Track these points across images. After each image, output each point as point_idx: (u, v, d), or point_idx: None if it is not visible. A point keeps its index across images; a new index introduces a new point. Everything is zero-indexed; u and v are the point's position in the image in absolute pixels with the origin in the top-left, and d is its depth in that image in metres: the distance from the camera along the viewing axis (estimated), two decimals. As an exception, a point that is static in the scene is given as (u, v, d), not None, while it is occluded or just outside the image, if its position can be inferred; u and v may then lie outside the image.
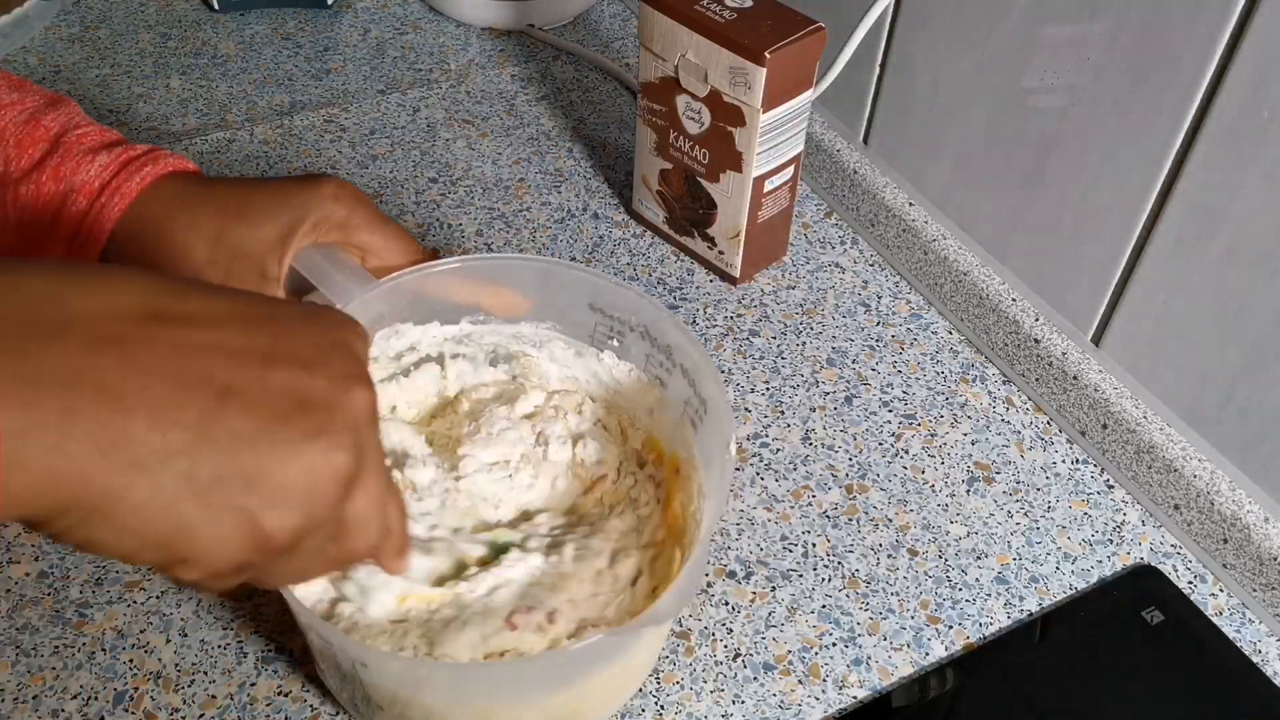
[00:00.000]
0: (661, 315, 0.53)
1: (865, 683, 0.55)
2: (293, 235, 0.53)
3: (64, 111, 0.55)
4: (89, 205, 0.53)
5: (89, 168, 0.53)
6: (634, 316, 0.54)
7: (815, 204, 0.81)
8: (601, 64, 0.93)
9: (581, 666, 0.47)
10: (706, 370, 0.51)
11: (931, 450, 0.65)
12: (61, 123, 0.55)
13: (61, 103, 0.56)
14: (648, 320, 0.54)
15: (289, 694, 0.53)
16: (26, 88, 0.56)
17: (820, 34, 0.66)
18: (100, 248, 0.53)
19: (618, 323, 0.55)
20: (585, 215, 0.79)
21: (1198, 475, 0.59)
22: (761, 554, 0.60)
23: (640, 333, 0.54)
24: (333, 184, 0.54)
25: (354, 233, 0.54)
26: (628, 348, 0.56)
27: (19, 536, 0.58)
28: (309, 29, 0.96)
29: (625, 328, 0.55)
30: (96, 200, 0.53)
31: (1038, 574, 0.60)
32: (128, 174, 0.53)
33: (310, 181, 0.54)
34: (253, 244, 0.52)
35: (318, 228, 0.53)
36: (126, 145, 0.55)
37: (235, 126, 0.85)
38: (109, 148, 0.54)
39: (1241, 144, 0.53)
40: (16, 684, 0.52)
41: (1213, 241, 0.56)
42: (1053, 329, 0.67)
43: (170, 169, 0.54)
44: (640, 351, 0.55)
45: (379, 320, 0.54)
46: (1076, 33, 0.60)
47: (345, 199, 0.54)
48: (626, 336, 0.55)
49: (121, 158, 0.54)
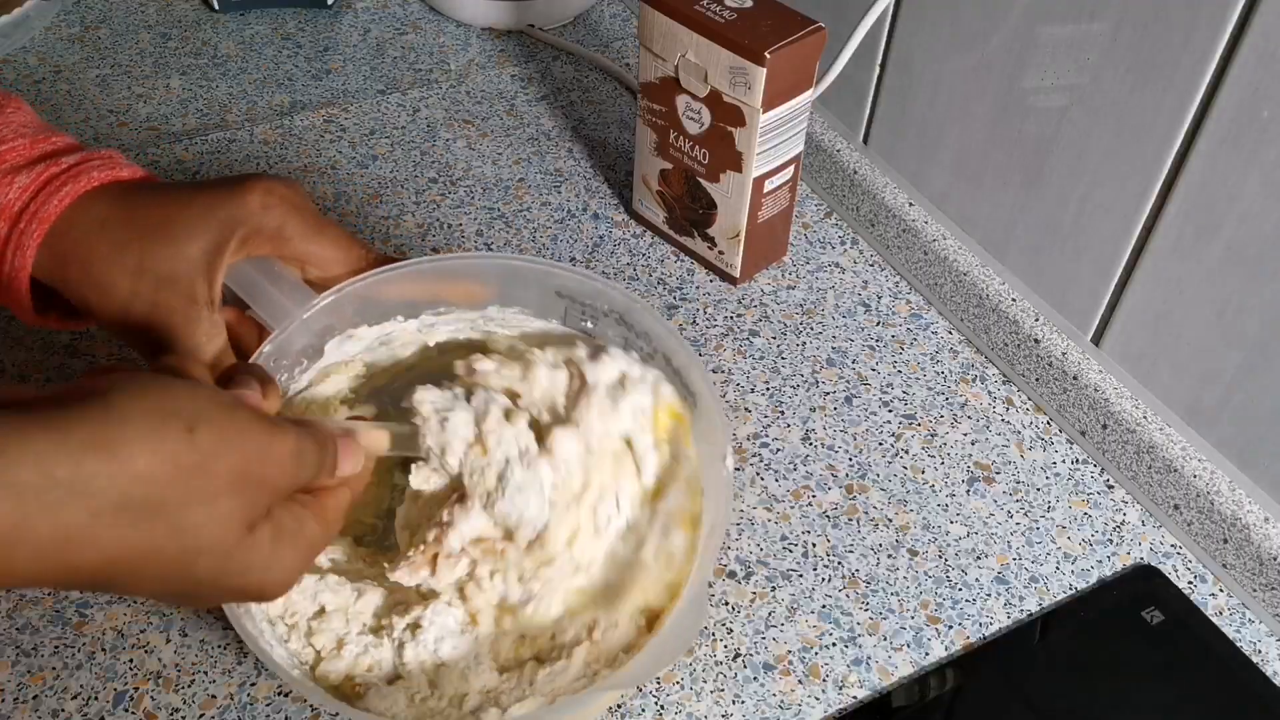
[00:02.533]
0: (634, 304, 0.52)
1: (865, 683, 0.55)
2: (220, 253, 0.48)
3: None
4: (9, 231, 0.48)
5: (8, 190, 0.48)
6: (605, 304, 0.53)
7: (815, 204, 0.81)
8: (601, 64, 0.93)
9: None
10: (694, 366, 0.51)
11: (931, 450, 0.65)
12: None
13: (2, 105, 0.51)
14: (620, 308, 0.53)
15: (289, 694, 0.53)
16: None
17: (820, 34, 0.66)
18: (26, 279, 0.49)
19: (588, 308, 0.53)
20: (585, 215, 0.79)
21: (1198, 475, 0.59)
22: (761, 554, 0.60)
23: (615, 318, 0.53)
24: (260, 189, 0.49)
25: (288, 244, 0.50)
26: (603, 331, 0.54)
27: (19, 536, 0.58)
28: (309, 29, 0.96)
29: (598, 312, 0.53)
30: (15, 226, 0.48)
31: (1038, 574, 0.60)
32: (45, 195, 0.48)
33: (237, 188, 0.50)
34: (177, 267, 0.48)
35: (248, 242, 0.49)
36: (52, 160, 0.49)
37: (235, 126, 0.85)
38: (33, 164, 0.49)
39: (1241, 144, 0.53)
40: (16, 684, 0.52)
41: (1213, 241, 0.56)
42: (1053, 329, 0.67)
43: (95, 184, 0.49)
44: (617, 335, 0.54)
45: (327, 332, 0.52)
46: (1076, 33, 0.60)
47: (275, 206, 0.50)
48: (600, 320, 0.54)
49: (43, 176, 0.48)
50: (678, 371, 0.51)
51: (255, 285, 0.50)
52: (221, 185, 0.50)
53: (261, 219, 0.49)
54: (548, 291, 0.54)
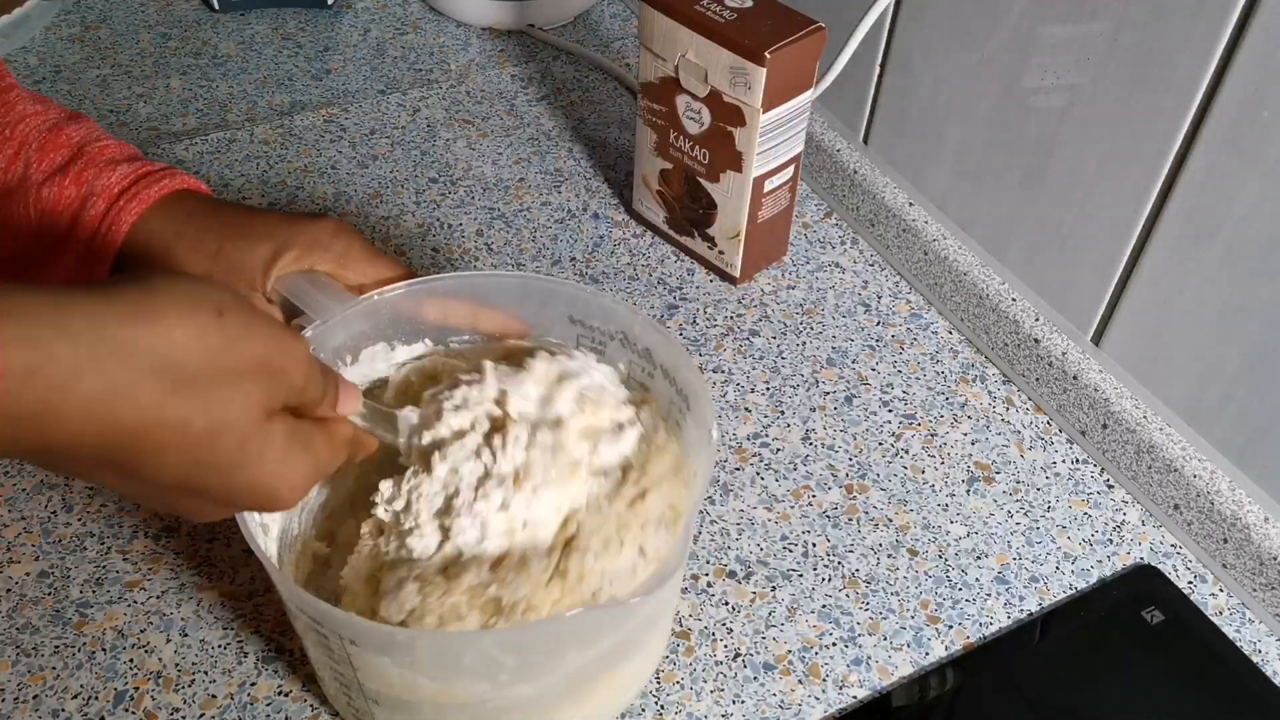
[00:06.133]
0: (635, 319, 0.53)
1: (865, 683, 0.55)
2: (282, 255, 0.55)
3: (85, 125, 0.59)
4: (107, 209, 0.56)
5: (110, 175, 0.56)
6: (611, 325, 0.54)
7: (815, 204, 0.81)
8: (601, 64, 0.93)
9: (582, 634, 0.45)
10: (682, 362, 0.51)
11: (931, 450, 0.65)
12: (83, 134, 0.58)
13: (82, 118, 0.60)
14: (624, 325, 0.54)
15: (289, 694, 0.53)
16: (48, 102, 0.60)
17: (820, 34, 0.66)
18: (115, 250, 0.56)
19: (598, 333, 0.55)
20: (585, 215, 0.79)
21: (1198, 475, 0.59)
22: (761, 554, 0.60)
23: (620, 340, 0.54)
24: (333, 221, 0.57)
25: (350, 265, 0.56)
26: (611, 358, 0.55)
27: (19, 536, 0.58)
28: (309, 29, 0.96)
29: (605, 337, 0.55)
30: (115, 204, 0.56)
31: (1038, 574, 0.60)
32: (145, 184, 0.57)
33: (313, 216, 0.58)
34: (246, 261, 0.55)
35: (310, 253, 0.56)
36: (145, 160, 0.59)
37: (235, 126, 0.85)
38: (129, 160, 0.58)
39: (1241, 144, 0.53)
40: (17, 684, 0.53)
41: (1213, 242, 0.56)
42: (1053, 329, 0.67)
43: (185, 186, 0.58)
44: (623, 359, 0.55)
45: (361, 338, 0.55)
46: (1076, 33, 0.60)
47: (344, 234, 0.57)
48: (608, 346, 0.55)
49: (141, 170, 0.57)
50: (672, 379, 0.52)
51: (302, 290, 0.55)
52: (301, 214, 0.59)
53: (330, 241, 0.56)
54: (563, 320, 0.55)
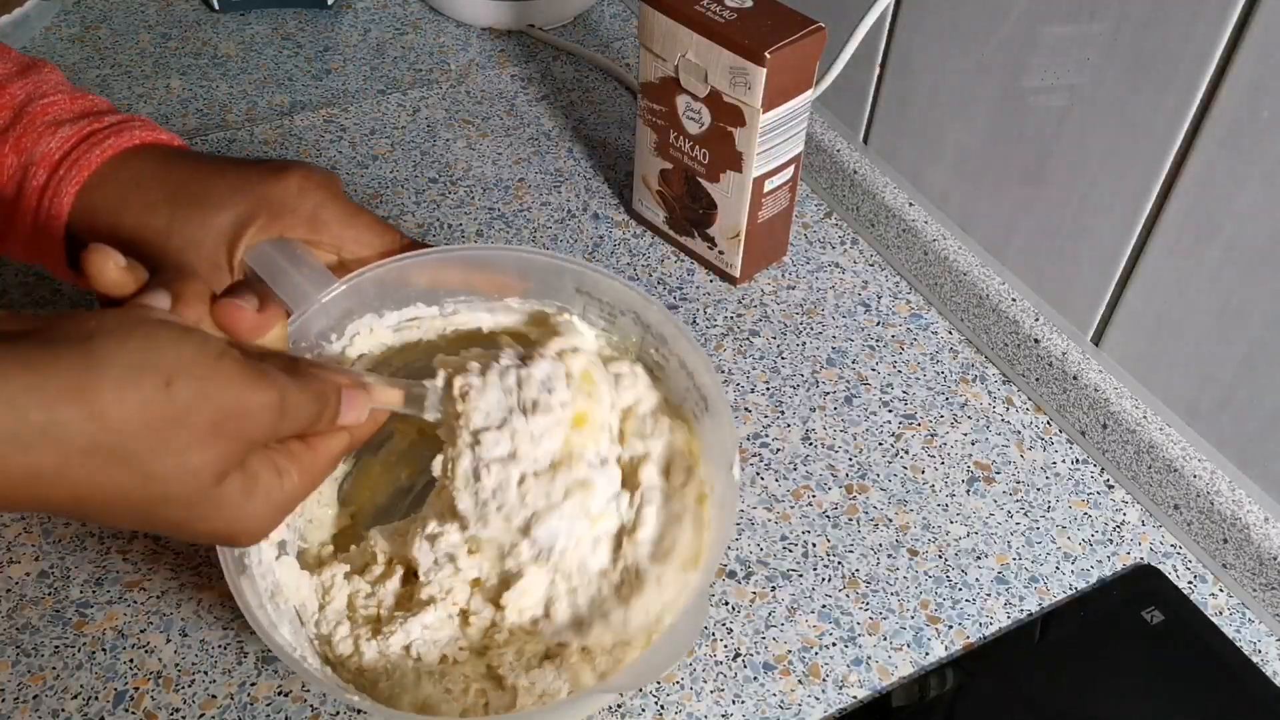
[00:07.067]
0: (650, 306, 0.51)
1: (865, 683, 0.55)
2: (246, 227, 0.49)
3: (34, 79, 0.52)
4: (48, 178, 0.49)
5: (50, 139, 0.50)
6: (623, 303, 0.53)
7: (815, 204, 0.81)
8: (601, 64, 0.93)
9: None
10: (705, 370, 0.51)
11: (931, 450, 0.65)
12: (28, 90, 0.51)
13: (35, 68, 0.52)
14: (637, 308, 0.52)
15: (289, 694, 0.53)
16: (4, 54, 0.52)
17: (820, 34, 0.66)
18: (61, 227, 0.50)
19: (607, 306, 0.53)
20: (585, 215, 0.79)
21: (1198, 475, 0.59)
22: (761, 554, 0.60)
23: (632, 318, 0.53)
24: (299, 174, 0.50)
25: (324, 228, 0.51)
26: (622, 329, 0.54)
27: (19, 536, 0.58)
28: (309, 29, 0.96)
29: (616, 311, 0.53)
30: (54, 173, 0.49)
31: (1038, 574, 0.60)
32: (86, 148, 0.50)
33: (276, 170, 0.51)
34: (203, 235, 0.49)
35: (278, 219, 0.50)
36: (95, 116, 0.51)
37: (235, 126, 0.85)
38: (76, 119, 0.51)
39: (1241, 144, 0.53)
40: (16, 684, 0.52)
41: (1213, 241, 0.56)
42: (1053, 329, 0.67)
43: (136, 141, 0.51)
44: (635, 335, 0.54)
45: (347, 316, 0.51)
46: (1076, 33, 0.60)
47: (313, 191, 0.50)
48: (619, 319, 0.54)
49: (85, 130, 0.50)
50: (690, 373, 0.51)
51: (275, 265, 0.49)
52: (261, 165, 0.51)
53: (298, 201, 0.50)
54: (568, 289, 0.53)
